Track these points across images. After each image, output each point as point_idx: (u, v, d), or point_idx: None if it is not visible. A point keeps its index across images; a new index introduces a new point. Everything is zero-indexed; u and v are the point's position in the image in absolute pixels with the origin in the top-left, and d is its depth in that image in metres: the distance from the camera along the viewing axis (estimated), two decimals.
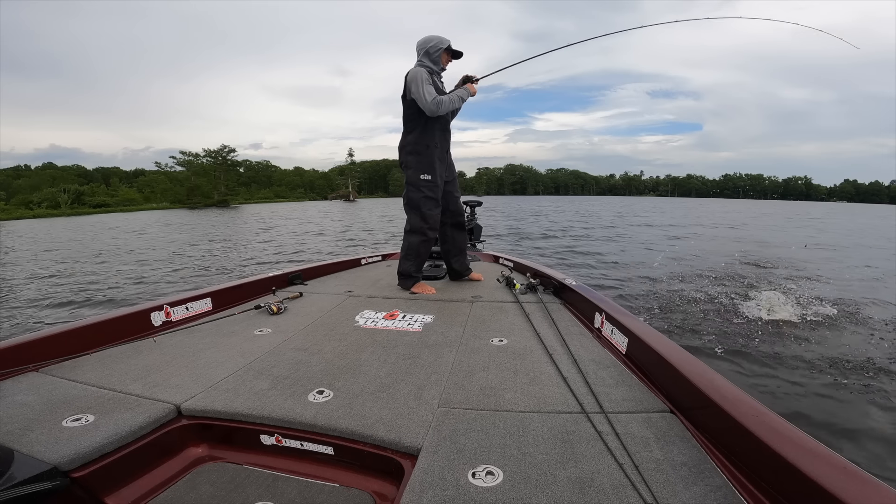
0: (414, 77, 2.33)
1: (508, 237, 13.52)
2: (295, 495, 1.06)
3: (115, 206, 54.56)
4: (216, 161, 62.78)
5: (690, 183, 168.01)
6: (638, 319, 1.63)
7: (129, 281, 6.98)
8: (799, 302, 4.63)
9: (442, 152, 2.55)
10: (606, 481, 0.87)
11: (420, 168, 2.47)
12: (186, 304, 2.05)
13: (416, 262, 2.58)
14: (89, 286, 6.63)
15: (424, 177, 2.47)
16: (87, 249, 11.98)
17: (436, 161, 2.49)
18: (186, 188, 57.69)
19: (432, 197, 2.51)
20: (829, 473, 0.71)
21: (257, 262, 8.75)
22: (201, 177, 60.01)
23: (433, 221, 2.54)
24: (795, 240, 12.74)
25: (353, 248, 11.30)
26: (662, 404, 1.20)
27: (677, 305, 4.70)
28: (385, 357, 1.59)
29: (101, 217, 36.97)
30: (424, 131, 2.45)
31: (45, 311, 5.25)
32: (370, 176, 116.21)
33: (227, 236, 14.78)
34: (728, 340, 3.60)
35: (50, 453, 0.97)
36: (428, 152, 2.47)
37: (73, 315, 5.07)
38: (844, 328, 4.02)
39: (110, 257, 10.10)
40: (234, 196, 66.41)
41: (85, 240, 15.33)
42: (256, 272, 3.53)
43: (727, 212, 33.05)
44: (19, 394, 1.26)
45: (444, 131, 2.56)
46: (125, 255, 10.44)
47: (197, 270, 7.85)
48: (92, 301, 5.67)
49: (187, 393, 1.30)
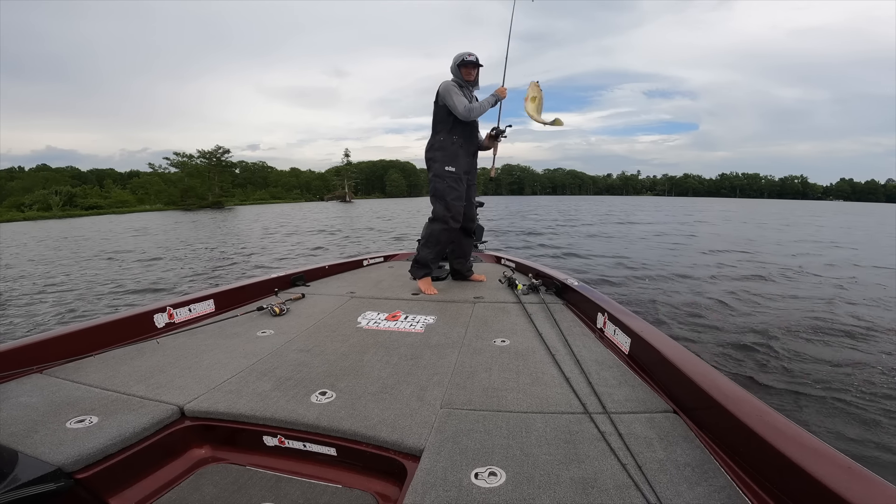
0: (445, 90, 2.53)
1: (507, 235, 13.46)
2: (298, 496, 1.06)
3: (107, 209, 53.02)
4: (210, 162, 61.46)
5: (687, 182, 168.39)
6: (640, 320, 1.62)
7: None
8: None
9: (467, 152, 2.68)
10: (610, 482, 0.87)
11: (445, 161, 2.60)
12: (189, 305, 2.04)
13: (435, 252, 2.66)
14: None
15: (449, 168, 2.60)
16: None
17: (460, 156, 2.63)
18: (180, 190, 55.99)
19: (456, 188, 2.61)
20: (833, 473, 0.70)
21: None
22: (195, 178, 58.03)
23: (456, 211, 2.62)
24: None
25: (354, 246, 11.10)
26: (665, 404, 1.19)
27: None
28: (387, 358, 1.58)
29: (92, 220, 35.81)
30: (451, 132, 2.61)
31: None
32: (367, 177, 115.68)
33: (214, 242, 13.12)
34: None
35: (54, 455, 0.97)
36: (452, 148, 2.61)
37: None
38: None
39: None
40: (230, 197, 65.37)
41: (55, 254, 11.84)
42: (259, 274, 3.47)
43: (752, 212, 31.36)
44: (23, 395, 1.26)
45: (471, 134, 2.69)
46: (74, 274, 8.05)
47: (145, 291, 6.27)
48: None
49: (190, 394, 1.29)
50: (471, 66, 2.58)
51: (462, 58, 2.55)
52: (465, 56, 2.56)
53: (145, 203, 58.13)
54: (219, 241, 13.37)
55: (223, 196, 60.80)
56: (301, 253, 10.34)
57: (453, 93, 2.50)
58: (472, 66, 2.57)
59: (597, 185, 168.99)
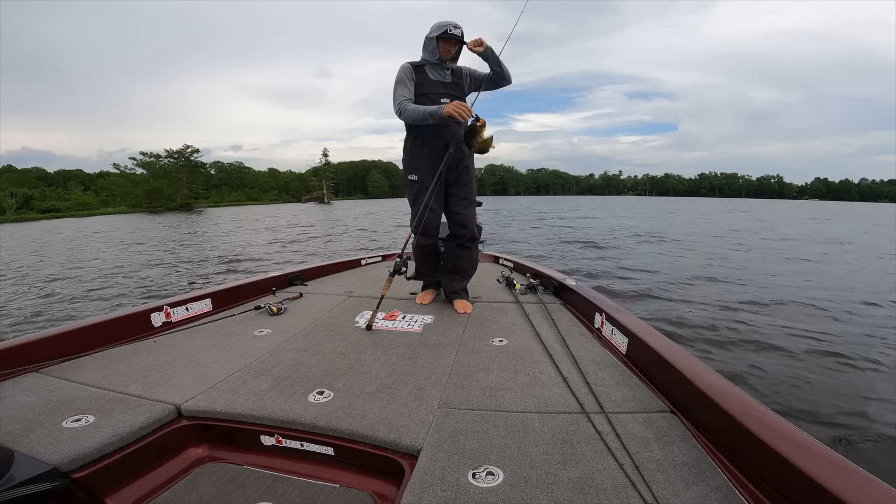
0: (397, 75, 2.14)
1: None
2: (295, 496, 1.05)
3: (66, 212, 50.19)
4: (178, 162, 58.70)
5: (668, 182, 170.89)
6: (638, 320, 1.61)
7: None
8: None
9: (435, 148, 2.17)
10: (607, 481, 0.87)
11: (407, 167, 2.26)
12: (186, 304, 2.03)
13: (418, 266, 2.41)
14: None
15: (411, 177, 2.23)
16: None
17: (424, 160, 2.19)
18: (144, 191, 53.25)
19: (418, 199, 2.19)
20: (829, 473, 0.71)
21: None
22: (161, 179, 55.19)
23: (425, 228, 2.20)
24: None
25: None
26: (663, 404, 1.19)
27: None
28: (385, 357, 1.57)
29: (44, 224, 32.84)
30: (416, 132, 2.20)
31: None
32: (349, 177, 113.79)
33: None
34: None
35: (50, 454, 0.97)
36: (413, 150, 2.22)
37: None
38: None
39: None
40: (201, 199, 62.58)
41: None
42: (256, 273, 3.47)
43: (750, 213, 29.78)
44: (19, 394, 1.26)
45: (440, 126, 2.14)
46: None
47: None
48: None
49: (187, 393, 1.29)
50: (452, 42, 2.12)
51: (445, 29, 2.07)
52: (448, 28, 2.07)
53: (110, 205, 54.97)
54: (125, 258, 9.73)
55: (192, 197, 58.16)
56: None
57: (397, 83, 2.11)
58: (454, 41, 2.12)
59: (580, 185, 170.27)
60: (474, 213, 2.33)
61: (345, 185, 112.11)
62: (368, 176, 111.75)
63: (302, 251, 10.29)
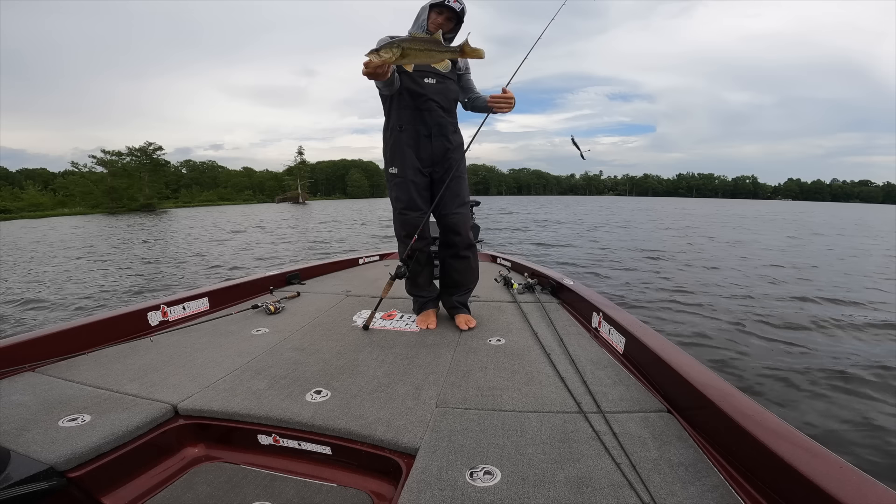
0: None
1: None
2: (293, 495, 1.05)
3: (17, 213, 46.63)
4: (140, 160, 55.40)
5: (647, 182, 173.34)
6: (636, 319, 1.60)
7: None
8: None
9: (415, 137, 1.89)
10: (604, 481, 0.87)
11: (387, 159, 1.97)
12: (183, 303, 2.02)
13: (412, 280, 2.09)
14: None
15: (391, 170, 1.95)
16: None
17: (403, 148, 1.90)
18: (103, 191, 49.29)
19: (400, 197, 1.93)
20: (825, 472, 0.71)
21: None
22: (121, 178, 50.61)
23: (410, 227, 1.93)
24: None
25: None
26: (660, 404, 1.19)
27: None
28: (383, 357, 1.57)
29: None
30: (391, 113, 1.92)
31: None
32: (328, 177, 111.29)
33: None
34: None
35: (46, 453, 0.97)
36: (392, 138, 1.92)
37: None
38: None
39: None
40: (166, 199, 59.27)
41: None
42: (253, 272, 3.34)
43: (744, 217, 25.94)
44: (15, 394, 1.25)
45: (422, 111, 1.87)
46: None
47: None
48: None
49: (184, 393, 1.28)
50: (446, 16, 1.79)
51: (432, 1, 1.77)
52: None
53: (67, 206, 51.59)
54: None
55: (154, 198, 54.54)
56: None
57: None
58: (448, 14, 1.79)
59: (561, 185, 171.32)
60: (468, 214, 2.04)
61: (324, 184, 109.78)
62: (348, 175, 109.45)
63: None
